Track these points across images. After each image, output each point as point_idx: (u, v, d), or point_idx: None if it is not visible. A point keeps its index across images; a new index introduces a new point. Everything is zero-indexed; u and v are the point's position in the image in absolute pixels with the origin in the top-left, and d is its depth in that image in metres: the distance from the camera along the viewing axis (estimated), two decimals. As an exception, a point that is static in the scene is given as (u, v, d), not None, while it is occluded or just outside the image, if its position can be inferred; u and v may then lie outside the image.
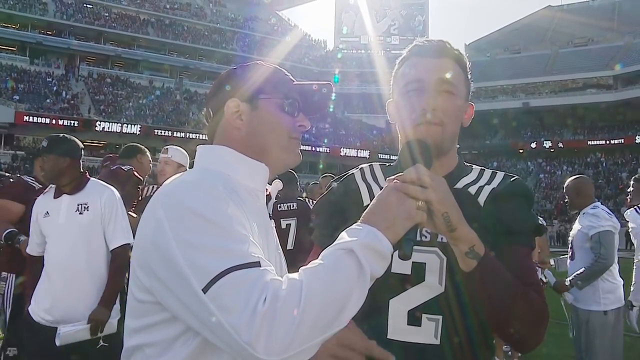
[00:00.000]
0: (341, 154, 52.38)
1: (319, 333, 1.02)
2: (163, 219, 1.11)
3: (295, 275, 1.06)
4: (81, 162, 3.43)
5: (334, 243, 1.11)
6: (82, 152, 3.45)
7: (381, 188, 1.53)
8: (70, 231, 3.26)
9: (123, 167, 4.27)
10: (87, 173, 3.48)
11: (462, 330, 1.40)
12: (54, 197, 3.34)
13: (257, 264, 1.05)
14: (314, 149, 49.47)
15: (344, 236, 1.10)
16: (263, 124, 1.32)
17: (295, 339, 0.98)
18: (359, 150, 53.94)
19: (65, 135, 3.48)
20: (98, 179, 3.67)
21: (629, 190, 5.06)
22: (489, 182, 1.50)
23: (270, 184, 5.39)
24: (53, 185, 3.40)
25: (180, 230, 1.08)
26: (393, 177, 1.21)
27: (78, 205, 3.29)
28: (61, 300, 3.22)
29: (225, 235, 1.08)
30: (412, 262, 1.40)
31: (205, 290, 1.02)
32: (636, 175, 5.15)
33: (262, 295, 1.00)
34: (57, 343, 3.09)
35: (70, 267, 3.23)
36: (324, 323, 1.02)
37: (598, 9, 62.78)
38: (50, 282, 3.25)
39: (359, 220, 1.14)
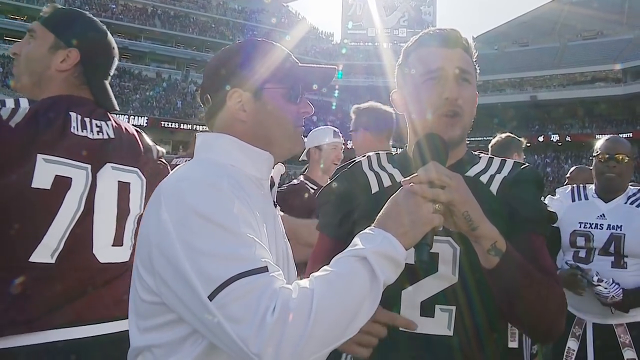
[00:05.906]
0: (347, 146, 52.04)
1: (328, 343, 1.00)
2: (167, 221, 1.07)
3: (306, 283, 1.02)
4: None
5: (347, 249, 1.07)
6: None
7: (390, 175, 1.51)
8: None
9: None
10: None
11: (476, 321, 1.37)
12: None
13: (265, 269, 1.02)
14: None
15: (357, 242, 1.07)
16: (269, 116, 1.28)
17: (305, 350, 0.95)
18: (366, 143, 53.73)
19: None
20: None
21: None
22: (499, 171, 1.47)
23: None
24: None
25: (186, 234, 1.05)
26: (407, 178, 1.16)
27: None
28: None
29: (232, 239, 1.04)
30: None
31: (211, 297, 0.98)
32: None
33: (270, 305, 0.96)
34: None
35: None
36: (334, 333, 0.99)
37: (607, 1, 62.03)
38: None
39: (373, 224, 1.10)
